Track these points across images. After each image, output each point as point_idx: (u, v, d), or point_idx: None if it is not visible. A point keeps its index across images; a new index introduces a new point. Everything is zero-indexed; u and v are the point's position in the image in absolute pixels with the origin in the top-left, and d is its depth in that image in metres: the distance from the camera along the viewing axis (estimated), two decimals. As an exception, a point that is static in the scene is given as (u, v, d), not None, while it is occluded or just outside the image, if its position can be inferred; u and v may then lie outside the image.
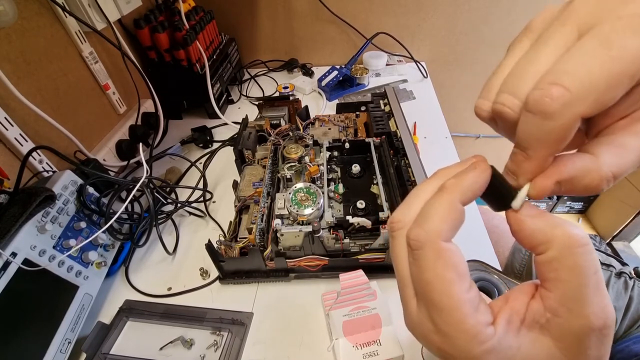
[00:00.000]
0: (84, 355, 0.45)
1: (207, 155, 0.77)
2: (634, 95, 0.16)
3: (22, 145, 0.51)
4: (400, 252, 0.20)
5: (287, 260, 0.48)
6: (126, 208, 0.53)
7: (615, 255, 0.68)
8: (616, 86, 0.14)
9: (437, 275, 0.17)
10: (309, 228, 0.45)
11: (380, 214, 0.46)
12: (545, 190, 0.17)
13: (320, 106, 0.92)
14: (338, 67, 0.94)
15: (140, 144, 0.59)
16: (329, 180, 0.53)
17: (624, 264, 0.61)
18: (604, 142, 0.17)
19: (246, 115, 0.67)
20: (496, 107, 0.17)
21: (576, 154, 0.17)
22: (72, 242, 0.45)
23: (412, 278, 0.18)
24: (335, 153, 0.59)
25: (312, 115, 0.72)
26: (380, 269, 0.49)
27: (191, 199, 0.64)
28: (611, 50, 0.14)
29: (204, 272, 0.54)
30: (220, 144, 0.79)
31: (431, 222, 0.18)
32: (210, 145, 0.81)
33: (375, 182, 0.53)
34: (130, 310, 0.49)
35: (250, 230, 0.50)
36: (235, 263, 0.50)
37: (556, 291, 0.16)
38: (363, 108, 0.71)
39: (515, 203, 0.17)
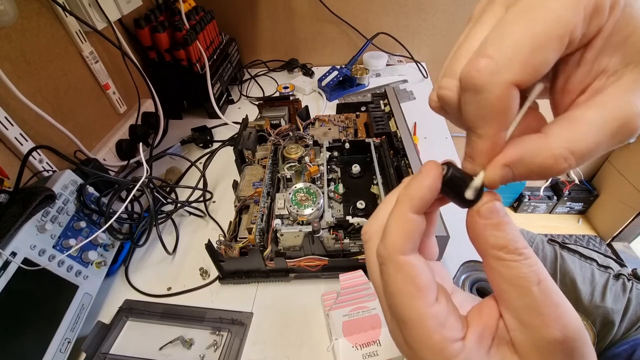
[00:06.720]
0: (83, 355, 0.45)
1: (207, 155, 0.77)
2: (584, 65, 0.15)
3: (22, 144, 0.51)
4: (371, 263, 0.19)
5: (287, 260, 0.48)
6: (126, 208, 0.53)
7: (616, 256, 0.68)
8: (542, 48, 0.13)
9: (398, 290, 0.17)
10: (309, 228, 0.45)
11: (380, 214, 0.46)
12: (494, 176, 0.16)
13: (321, 106, 0.92)
14: (338, 67, 0.94)
15: (140, 143, 0.59)
16: (329, 180, 0.53)
17: (622, 265, 0.61)
18: (557, 119, 0.15)
19: (246, 115, 0.67)
20: (439, 92, 0.16)
21: (526, 135, 0.15)
22: (72, 241, 0.45)
23: (381, 292, 0.19)
24: (335, 153, 0.59)
25: (312, 116, 0.72)
26: (380, 269, 0.49)
27: (191, 199, 0.64)
28: (531, 13, 0.13)
29: (203, 272, 0.54)
30: (220, 144, 0.79)
31: (389, 237, 0.17)
32: (210, 145, 0.81)
33: (375, 182, 0.53)
34: (130, 310, 0.49)
35: (250, 230, 0.50)
36: (235, 263, 0.50)
37: (504, 304, 0.16)
38: (363, 108, 0.71)
39: (468, 193, 0.17)
